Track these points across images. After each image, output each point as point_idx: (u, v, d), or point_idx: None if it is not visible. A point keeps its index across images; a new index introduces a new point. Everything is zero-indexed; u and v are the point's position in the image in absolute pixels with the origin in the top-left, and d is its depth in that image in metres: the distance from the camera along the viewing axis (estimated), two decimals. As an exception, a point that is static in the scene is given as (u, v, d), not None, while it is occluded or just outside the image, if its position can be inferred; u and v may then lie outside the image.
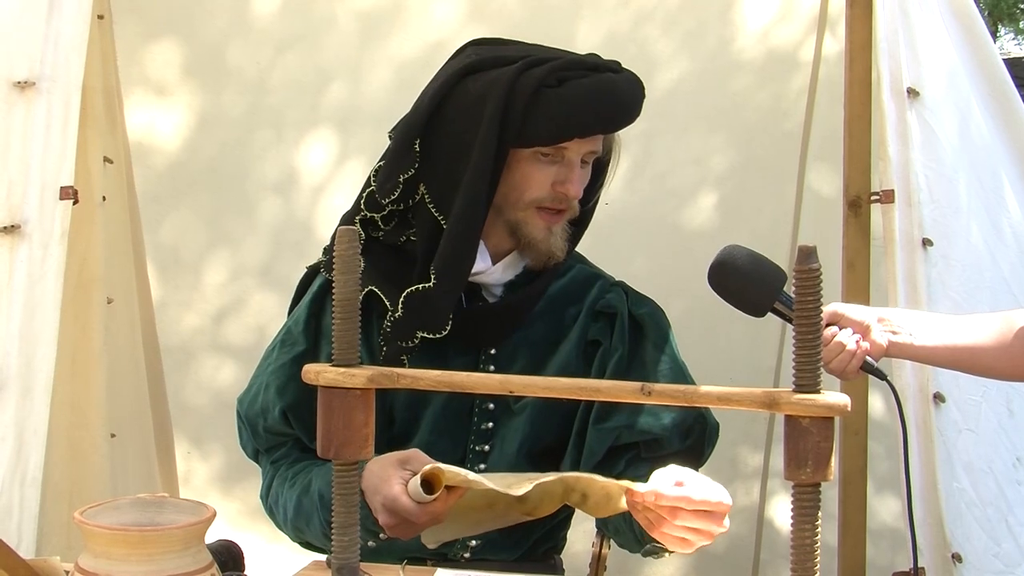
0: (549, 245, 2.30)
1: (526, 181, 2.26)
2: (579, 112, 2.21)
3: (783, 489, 3.65)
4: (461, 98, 2.24)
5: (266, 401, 2.32)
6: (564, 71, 2.22)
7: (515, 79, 2.19)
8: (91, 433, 2.90)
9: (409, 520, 1.97)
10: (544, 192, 2.26)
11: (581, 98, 2.20)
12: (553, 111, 2.19)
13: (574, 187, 2.27)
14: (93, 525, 1.67)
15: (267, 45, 3.51)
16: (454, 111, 2.24)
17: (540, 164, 2.25)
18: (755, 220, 3.56)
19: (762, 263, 2.19)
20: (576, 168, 2.27)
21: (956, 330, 2.18)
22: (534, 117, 2.19)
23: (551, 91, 2.20)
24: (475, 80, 2.24)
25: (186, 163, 3.56)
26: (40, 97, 2.53)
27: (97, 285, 2.90)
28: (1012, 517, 2.68)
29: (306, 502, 2.21)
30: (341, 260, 1.55)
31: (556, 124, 2.20)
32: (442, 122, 2.25)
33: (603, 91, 2.23)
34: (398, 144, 2.28)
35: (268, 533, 2.54)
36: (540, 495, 2.01)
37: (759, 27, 3.49)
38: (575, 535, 2.57)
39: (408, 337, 2.25)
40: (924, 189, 2.69)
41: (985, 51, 2.83)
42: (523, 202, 2.27)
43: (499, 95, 2.18)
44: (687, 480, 1.88)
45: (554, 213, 2.29)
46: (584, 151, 2.27)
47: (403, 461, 2.03)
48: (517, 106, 2.18)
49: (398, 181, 2.26)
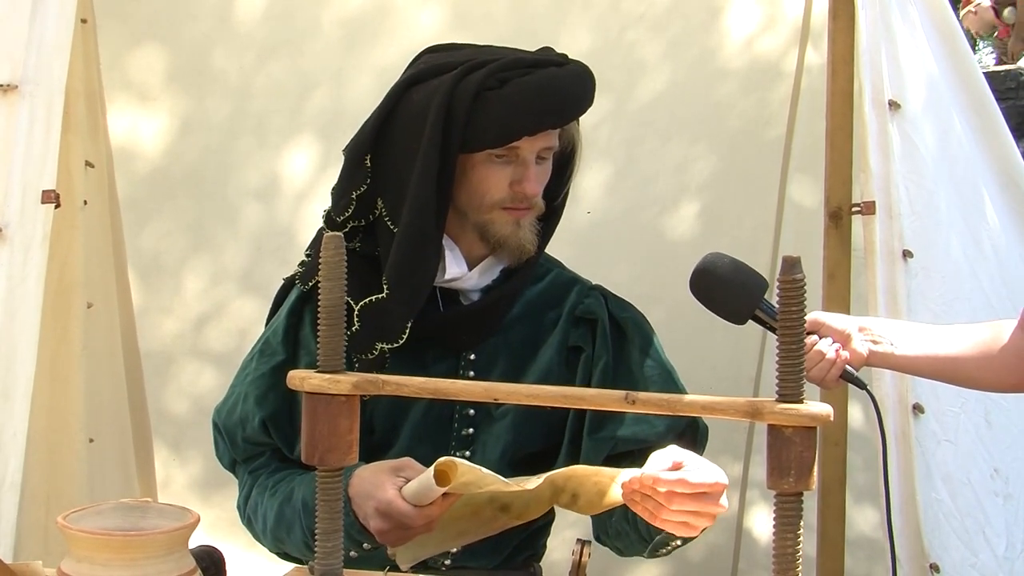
0: (519, 239, 2.29)
1: (483, 184, 2.26)
2: (522, 112, 2.20)
3: (762, 499, 3.66)
4: (405, 110, 2.24)
5: (245, 411, 2.31)
6: (504, 72, 2.22)
7: (454, 86, 2.19)
8: (69, 438, 2.89)
9: (403, 525, 1.97)
10: (503, 193, 2.26)
11: (523, 97, 2.20)
12: (495, 114, 2.19)
13: (531, 185, 2.26)
14: (76, 530, 1.67)
15: (250, 51, 3.51)
16: (400, 123, 2.24)
17: (495, 166, 2.25)
18: (736, 229, 3.58)
19: (744, 271, 2.20)
20: (531, 166, 2.26)
21: (937, 340, 2.19)
22: (477, 122, 2.19)
23: (492, 93, 2.19)
24: (418, 91, 2.24)
25: (168, 168, 3.55)
26: (22, 100, 2.52)
27: (77, 290, 2.89)
28: (989, 528, 2.69)
29: (288, 511, 2.20)
30: (327, 266, 1.55)
31: (500, 126, 2.20)
32: (389, 135, 2.25)
33: (545, 88, 2.22)
34: (349, 161, 2.29)
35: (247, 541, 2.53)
36: (527, 499, 2.01)
37: (743, 37, 3.50)
38: (555, 543, 2.57)
39: (367, 349, 2.24)
40: (904, 201, 2.70)
41: (965, 64, 2.85)
42: (485, 205, 2.27)
43: (439, 103, 2.18)
44: (684, 460, 1.90)
45: (519, 209, 2.29)
46: (538, 148, 2.26)
47: (396, 468, 2.03)
48: (458, 112, 2.18)
49: (351, 198, 2.27)
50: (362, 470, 2.06)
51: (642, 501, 1.91)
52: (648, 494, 1.90)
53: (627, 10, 3.51)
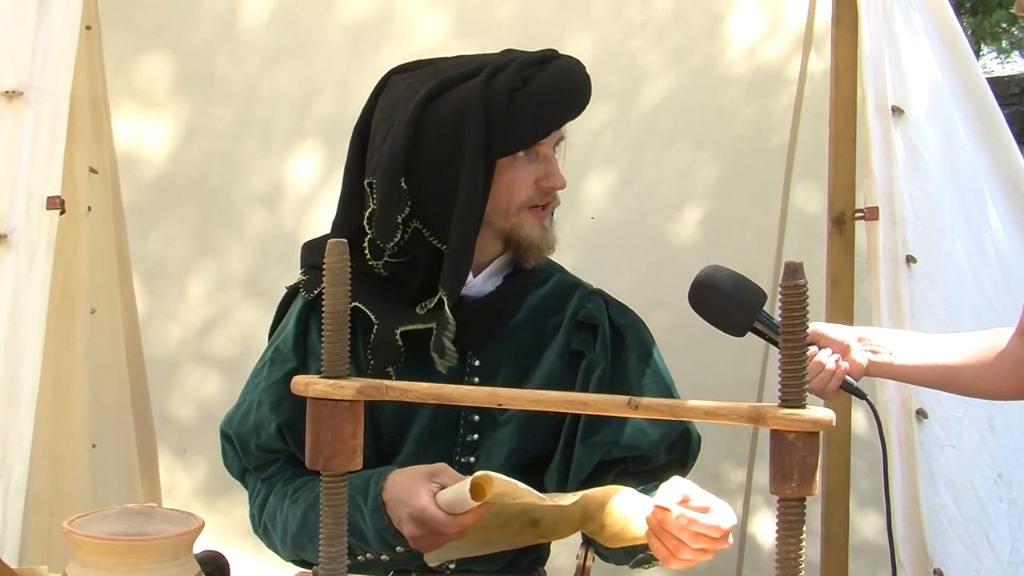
0: (548, 241, 2.32)
1: (512, 186, 2.26)
2: (552, 104, 2.24)
3: (766, 505, 3.66)
4: (435, 125, 2.21)
5: (260, 417, 2.31)
6: (524, 71, 2.24)
7: (485, 90, 2.20)
8: (72, 443, 2.89)
9: (436, 532, 1.99)
10: (531, 192, 2.28)
11: (549, 91, 2.23)
12: (530, 110, 2.21)
13: (558, 179, 2.29)
14: (81, 535, 1.67)
15: (255, 57, 3.52)
16: (432, 139, 2.22)
17: (522, 166, 2.26)
18: (740, 235, 3.58)
19: (743, 283, 2.20)
20: (553, 160, 2.30)
21: (936, 349, 2.20)
22: (515, 122, 2.20)
23: (521, 93, 2.21)
24: (442, 103, 2.23)
25: (173, 174, 3.56)
26: (28, 107, 2.53)
27: (81, 295, 2.89)
28: (993, 533, 2.69)
29: (313, 517, 2.19)
30: (331, 272, 1.56)
31: (536, 122, 2.23)
32: (422, 152, 2.22)
33: (563, 78, 2.27)
34: (385, 187, 2.23)
35: (252, 547, 2.54)
36: (556, 518, 2.02)
37: (746, 43, 3.51)
38: (559, 547, 2.58)
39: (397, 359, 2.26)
40: (908, 206, 2.71)
41: (969, 70, 2.86)
42: (514, 207, 2.28)
43: (477, 109, 2.19)
44: (692, 495, 1.93)
45: (542, 209, 2.31)
46: (554, 141, 2.31)
47: (431, 474, 2.06)
48: (498, 115, 2.19)
49: (396, 223, 2.23)
50: (397, 475, 2.09)
51: (663, 538, 1.94)
52: (674, 533, 1.92)
53: (630, 17, 3.52)
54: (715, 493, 3.77)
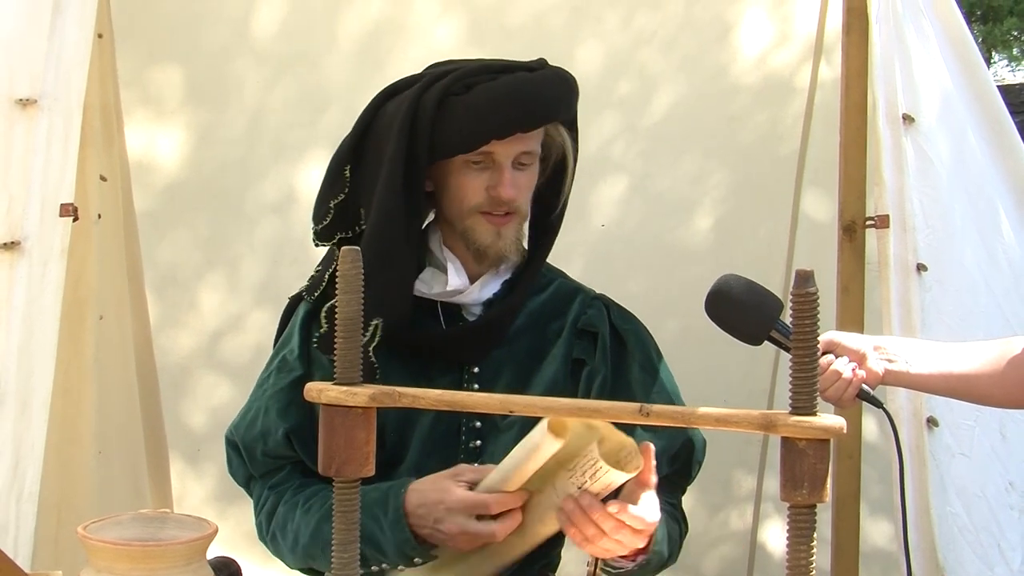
0: (499, 248, 2.31)
1: (461, 190, 2.29)
2: (488, 115, 2.22)
3: (776, 512, 3.66)
4: (379, 121, 2.29)
5: (267, 424, 2.31)
6: (470, 78, 2.25)
7: (420, 95, 2.23)
8: (80, 449, 2.89)
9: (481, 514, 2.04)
10: (481, 198, 2.29)
11: (489, 101, 2.22)
12: (461, 118, 2.22)
13: (506, 189, 2.27)
14: (97, 540, 1.68)
15: (267, 65, 3.52)
16: (373, 135, 2.29)
17: (471, 171, 2.28)
18: (750, 243, 3.59)
19: (759, 292, 2.21)
20: (506, 171, 2.28)
21: (951, 358, 2.20)
22: (443, 128, 2.22)
23: (457, 99, 2.22)
24: (392, 102, 2.29)
25: (185, 182, 3.56)
26: (41, 114, 2.53)
27: (90, 302, 2.89)
28: (1004, 541, 2.69)
29: (327, 528, 2.19)
30: (344, 279, 1.57)
31: (466, 130, 2.23)
32: (366, 146, 2.30)
33: (512, 91, 2.24)
34: (330, 172, 2.34)
35: (263, 554, 2.54)
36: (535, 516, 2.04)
37: (756, 52, 3.51)
38: (569, 555, 2.58)
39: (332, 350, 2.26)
40: (919, 214, 2.71)
41: (980, 78, 2.86)
42: (465, 211, 2.30)
43: (404, 113, 2.22)
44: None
45: (500, 216, 2.30)
46: (514, 153, 2.28)
47: (454, 475, 2.10)
48: (423, 121, 2.22)
49: (329, 207, 2.31)
50: (418, 483, 2.11)
51: (581, 525, 1.98)
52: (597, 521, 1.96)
53: (640, 26, 3.52)
54: (725, 500, 3.80)
